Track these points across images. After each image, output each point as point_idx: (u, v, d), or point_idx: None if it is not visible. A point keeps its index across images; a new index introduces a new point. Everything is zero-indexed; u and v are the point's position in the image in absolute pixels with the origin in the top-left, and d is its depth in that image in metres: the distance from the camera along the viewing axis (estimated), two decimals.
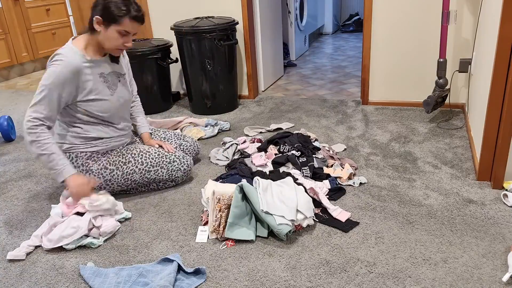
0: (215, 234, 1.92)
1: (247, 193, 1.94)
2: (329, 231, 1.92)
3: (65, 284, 1.72)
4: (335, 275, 1.66)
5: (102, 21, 2.00)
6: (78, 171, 2.16)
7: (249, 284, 1.65)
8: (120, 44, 2.06)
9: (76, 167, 2.17)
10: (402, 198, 2.13)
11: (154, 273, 1.71)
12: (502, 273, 1.62)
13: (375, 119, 3.14)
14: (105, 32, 2.02)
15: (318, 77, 4.33)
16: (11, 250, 1.93)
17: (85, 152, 2.17)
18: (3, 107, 4.05)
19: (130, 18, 2.01)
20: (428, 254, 1.73)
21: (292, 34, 4.93)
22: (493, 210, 1.99)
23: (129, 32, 2.04)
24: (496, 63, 2.00)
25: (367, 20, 3.19)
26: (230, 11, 3.56)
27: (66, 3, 5.52)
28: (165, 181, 2.32)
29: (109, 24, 2.00)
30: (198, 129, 3.07)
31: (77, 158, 2.17)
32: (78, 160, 2.17)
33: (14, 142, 3.18)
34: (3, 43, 4.89)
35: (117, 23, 2.00)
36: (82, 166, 2.17)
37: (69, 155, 2.17)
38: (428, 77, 3.21)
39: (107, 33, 2.02)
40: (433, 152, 2.58)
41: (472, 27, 2.97)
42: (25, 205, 2.31)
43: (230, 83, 3.45)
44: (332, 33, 6.53)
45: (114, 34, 2.02)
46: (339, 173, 2.32)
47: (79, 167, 2.17)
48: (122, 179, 2.22)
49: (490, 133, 2.11)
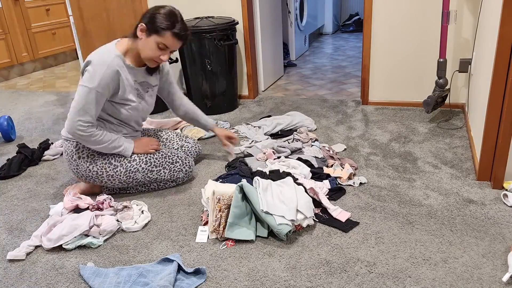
0: (215, 234, 1.92)
1: (247, 193, 1.94)
2: (329, 231, 1.92)
3: (65, 284, 1.72)
4: (335, 275, 1.66)
5: (146, 29, 2.05)
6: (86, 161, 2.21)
7: (249, 284, 1.65)
8: (156, 56, 2.09)
9: (81, 157, 2.19)
10: (402, 198, 2.13)
11: (154, 273, 1.71)
12: (502, 273, 1.62)
13: (375, 119, 3.14)
14: (145, 40, 2.06)
15: (318, 77, 4.33)
16: (11, 250, 1.93)
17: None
18: (3, 107, 4.05)
19: (172, 34, 2.04)
20: (428, 254, 1.73)
21: (292, 34, 4.93)
22: (493, 210, 1.99)
23: (168, 47, 2.08)
24: (496, 63, 2.00)
25: (367, 20, 3.19)
26: (230, 11, 3.56)
27: (66, 3, 5.51)
28: (166, 181, 2.33)
29: (151, 34, 2.04)
30: (198, 129, 3.07)
31: (84, 149, 2.19)
32: (84, 151, 2.19)
33: (14, 142, 3.18)
34: (3, 43, 4.89)
35: (159, 35, 2.04)
36: (87, 157, 2.19)
37: (76, 144, 2.20)
38: (428, 77, 3.21)
39: (147, 41, 2.06)
40: (433, 152, 2.59)
41: (472, 27, 2.97)
42: (25, 205, 2.31)
43: (230, 83, 3.45)
44: (332, 33, 6.53)
45: (153, 44, 2.06)
46: (339, 173, 2.32)
47: (84, 158, 2.19)
48: (124, 176, 2.23)
49: (490, 133, 2.11)
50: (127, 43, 2.13)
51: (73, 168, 2.23)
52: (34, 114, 3.79)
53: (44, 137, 3.24)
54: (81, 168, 2.20)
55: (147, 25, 2.04)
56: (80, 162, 2.20)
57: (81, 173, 2.22)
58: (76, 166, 2.21)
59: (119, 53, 2.10)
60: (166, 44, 2.06)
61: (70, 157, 2.22)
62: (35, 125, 3.52)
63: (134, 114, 2.23)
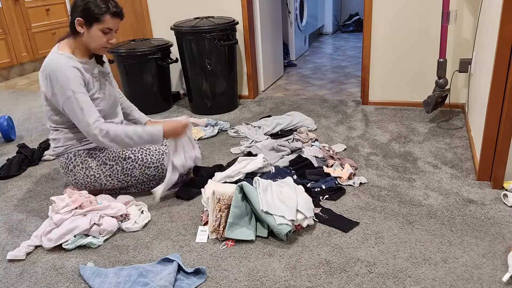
0: (215, 234, 1.92)
1: (247, 193, 1.94)
2: (329, 231, 1.92)
3: (65, 284, 1.72)
4: (335, 275, 1.66)
5: (84, 22, 2.02)
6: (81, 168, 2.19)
7: (249, 284, 1.65)
8: (104, 42, 2.08)
9: (76, 166, 2.18)
10: (402, 198, 2.13)
11: (154, 273, 1.71)
12: (502, 273, 1.62)
13: (375, 119, 3.14)
14: (88, 33, 2.04)
15: (318, 77, 4.33)
16: (11, 250, 1.93)
17: (82, 150, 2.19)
18: (3, 107, 4.05)
19: (111, 15, 2.03)
20: (428, 254, 1.73)
21: (292, 34, 4.93)
22: (493, 210, 1.99)
23: (112, 29, 2.07)
24: (496, 63, 2.00)
25: (367, 20, 3.19)
26: (230, 11, 3.56)
27: (66, 3, 5.51)
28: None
29: (91, 24, 2.03)
30: (198, 129, 3.07)
31: (76, 157, 2.18)
32: (76, 158, 2.18)
33: (14, 142, 3.18)
34: (3, 43, 4.89)
35: (99, 22, 2.02)
36: (81, 164, 2.18)
37: (67, 156, 2.18)
38: (428, 77, 3.21)
39: (90, 33, 2.04)
40: (433, 152, 2.58)
41: (472, 27, 2.97)
42: (25, 205, 2.31)
43: (230, 83, 3.45)
44: (332, 33, 6.53)
45: (98, 33, 2.04)
46: (339, 173, 2.32)
47: (78, 165, 2.18)
48: (122, 174, 2.23)
49: (490, 133, 2.11)
50: (69, 43, 2.11)
51: (72, 179, 2.22)
52: (34, 114, 3.79)
53: (44, 137, 3.24)
54: (79, 176, 2.20)
55: (84, 18, 2.02)
56: (76, 171, 2.19)
57: (80, 182, 2.22)
58: (74, 176, 2.20)
59: (67, 53, 2.07)
60: (109, 27, 2.05)
61: (66, 170, 2.22)
62: (35, 125, 3.52)
63: (106, 105, 2.20)
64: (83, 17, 2.01)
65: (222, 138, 3.01)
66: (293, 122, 3.02)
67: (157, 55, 3.43)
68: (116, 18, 2.06)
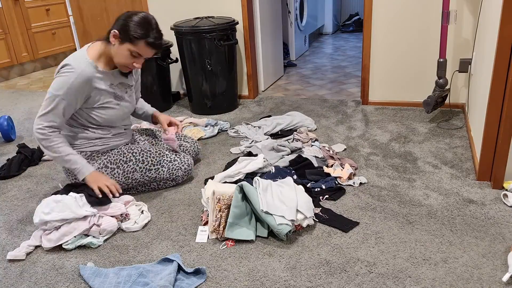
0: (215, 234, 1.92)
1: (247, 193, 1.94)
2: (329, 231, 1.92)
3: (65, 284, 1.72)
4: (335, 275, 1.66)
5: (119, 36, 2.00)
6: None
7: (249, 284, 1.65)
8: (129, 63, 2.05)
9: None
10: (402, 198, 2.13)
11: (154, 273, 1.71)
12: (502, 273, 1.62)
13: (375, 119, 3.14)
14: (118, 47, 2.02)
15: (318, 77, 4.33)
16: (11, 250, 1.93)
17: (85, 152, 2.18)
18: (3, 107, 4.05)
19: (146, 43, 2.00)
20: (428, 254, 1.73)
21: (292, 34, 4.93)
22: (493, 210, 1.99)
23: (141, 55, 2.04)
24: (496, 63, 2.00)
25: (367, 20, 3.19)
26: (230, 11, 3.56)
27: (66, 3, 5.50)
28: (166, 180, 2.32)
29: (124, 42, 2.00)
30: (198, 129, 3.07)
31: None
32: None
33: (14, 142, 3.18)
34: (3, 43, 4.89)
35: (132, 43, 1.99)
36: None
37: None
38: (428, 77, 3.21)
39: (119, 48, 2.01)
40: (433, 152, 2.58)
41: (472, 27, 2.97)
42: (25, 205, 2.31)
43: (230, 83, 3.45)
44: (332, 33, 6.53)
45: (126, 52, 2.01)
46: (339, 173, 2.32)
47: None
48: (123, 177, 2.22)
49: (490, 133, 2.11)
50: (100, 47, 2.08)
51: (72, 181, 2.22)
52: (34, 114, 3.79)
53: None
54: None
55: (120, 32, 1.99)
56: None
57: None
58: (75, 178, 2.20)
59: (91, 60, 2.04)
60: (140, 52, 2.02)
61: (67, 171, 2.22)
62: None
63: (117, 115, 2.19)
64: (120, 31, 1.99)
65: (222, 138, 3.01)
66: (293, 122, 3.02)
67: (157, 55, 3.43)
68: (151, 48, 2.03)
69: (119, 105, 2.18)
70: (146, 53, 2.03)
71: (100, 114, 2.13)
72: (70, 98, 2.01)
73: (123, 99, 2.21)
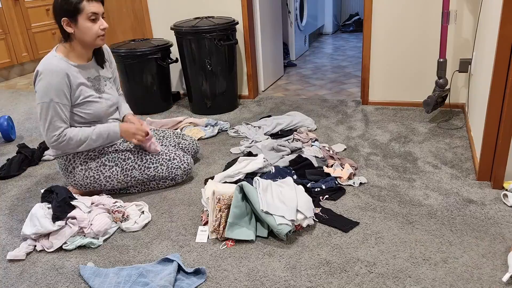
0: (215, 234, 1.92)
1: (247, 193, 1.94)
2: (329, 231, 1.92)
3: (65, 284, 1.72)
4: (335, 275, 1.66)
5: (68, 20, 2.01)
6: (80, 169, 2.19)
7: (249, 284, 1.65)
8: (97, 30, 2.06)
9: (75, 167, 2.18)
10: (402, 198, 2.13)
11: (154, 273, 1.71)
12: (502, 273, 1.62)
13: (375, 119, 3.14)
14: (78, 28, 2.03)
15: (318, 77, 4.33)
16: (11, 250, 1.93)
17: (81, 152, 2.18)
18: (3, 107, 4.05)
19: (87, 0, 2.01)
20: (428, 254, 1.73)
21: (292, 34, 4.93)
22: (493, 210, 1.99)
23: (96, 12, 2.04)
24: (496, 63, 2.00)
25: (367, 20, 3.19)
26: (230, 11, 3.56)
27: None
28: (165, 180, 2.32)
29: (76, 18, 2.01)
30: (198, 129, 3.07)
31: (75, 158, 2.18)
32: (76, 160, 2.18)
33: (14, 142, 3.18)
34: (3, 43, 4.89)
35: (81, 12, 2.00)
36: (80, 165, 2.18)
37: (66, 157, 2.18)
38: (428, 77, 3.21)
39: (79, 27, 2.03)
40: (433, 152, 2.58)
41: (472, 27, 2.97)
42: (25, 205, 2.31)
43: (230, 83, 3.45)
44: (332, 33, 6.53)
45: (86, 23, 2.03)
46: (339, 173, 2.32)
47: (78, 167, 2.18)
48: (121, 175, 2.23)
49: (490, 133, 2.11)
50: (65, 46, 2.11)
51: (71, 181, 2.23)
52: (34, 114, 3.79)
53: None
54: (78, 178, 2.20)
55: (66, 16, 2.01)
56: (76, 173, 2.19)
57: (80, 183, 2.22)
58: (73, 177, 2.21)
59: (61, 55, 2.08)
60: (93, 11, 2.02)
61: (65, 171, 2.22)
62: (35, 125, 3.52)
63: (101, 109, 2.19)
64: (65, 15, 2.01)
65: (222, 138, 3.01)
66: (293, 122, 3.02)
67: (157, 55, 3.43)
68: (94, 1, 2.03)
69: (101, 98, 2.19)
70: (96, 9, 2.03)
71: (85, 110, 2.13)
72: (59, 97, 2.03)
73: (104, 92, 2.22)
